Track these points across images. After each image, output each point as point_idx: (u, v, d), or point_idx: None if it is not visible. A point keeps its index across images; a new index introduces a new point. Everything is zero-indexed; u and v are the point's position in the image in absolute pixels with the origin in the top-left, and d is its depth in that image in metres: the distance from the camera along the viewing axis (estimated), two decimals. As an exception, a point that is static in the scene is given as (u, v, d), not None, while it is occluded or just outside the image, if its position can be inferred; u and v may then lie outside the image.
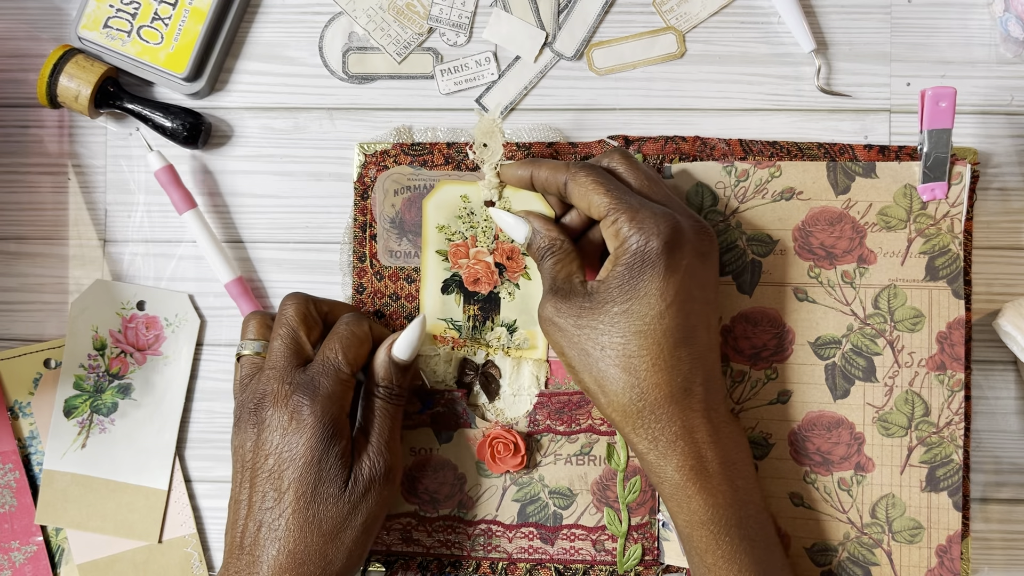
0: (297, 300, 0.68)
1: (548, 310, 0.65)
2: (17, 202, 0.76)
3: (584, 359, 0.63)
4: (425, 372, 0.73)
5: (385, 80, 0.76)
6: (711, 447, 0.62)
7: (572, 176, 0.65)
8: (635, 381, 0.62)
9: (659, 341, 0.61)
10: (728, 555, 0.62)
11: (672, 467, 0.62)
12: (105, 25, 0.73)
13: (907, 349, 0.70)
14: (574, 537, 0.72)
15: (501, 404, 0.73)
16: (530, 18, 0.75)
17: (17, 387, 0.76)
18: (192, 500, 0.76)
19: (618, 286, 0.62)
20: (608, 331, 0.62)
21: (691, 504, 0.62)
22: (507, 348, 0.74)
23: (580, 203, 0.65)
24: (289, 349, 0.66)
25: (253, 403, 0.65)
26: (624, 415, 0.63)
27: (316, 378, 0.64)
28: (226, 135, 0.76)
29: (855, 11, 0.75)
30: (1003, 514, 0.73)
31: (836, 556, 0.70)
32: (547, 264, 0.67)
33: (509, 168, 0.70)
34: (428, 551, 0.73)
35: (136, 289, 0.76)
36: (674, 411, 0.62)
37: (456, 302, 0.74)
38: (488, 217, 0.73)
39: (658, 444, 0.62)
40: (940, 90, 0.68)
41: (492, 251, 0.73)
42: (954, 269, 0.70)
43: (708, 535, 0.62)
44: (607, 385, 0.63)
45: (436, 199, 0.73)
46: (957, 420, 0.70)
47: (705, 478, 0.62)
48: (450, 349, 0.74)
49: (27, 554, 0.75)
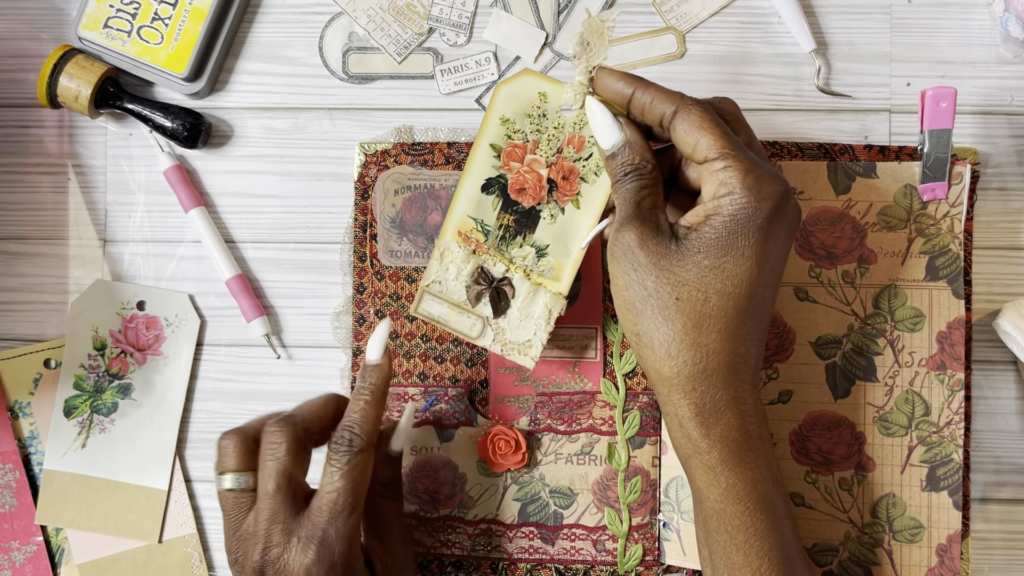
0: (286, 436, 0.62)
1: (628, 237, 0.59)
2: (17, 202, 0.76)
3: (652, 303, 0.58)
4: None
5: (385, 80, 0.76)
6: (754, 420, 0.59)
7: (685, 107, 0.59)
8: (704, 341, 0.58)
9: (739, 306, 0.57)
10: (762, 532, 0.58)
11: (715, 437, 0.58)
12: (105, 25, 0.73)
13: (907, 349, 0.70)
14: (575, 537, 0.72)
15: (505, 323, 0.68)
16: (530, 18, 0.75)
17: (17, 387, 0.76)
18: (192, 500, 0.76)
19: (716, 238, 0.57)
20: (691, 283, 0.57)
21: (729, 478, 0.58)
22: (529, 270, 0.67)
23: (685, 139, 0.59)
24: (288, 497, 0.62)
25: (257, 560, 0.61)
26: (677, 375, 0.58)
27: (327, 532, 0.61)
28: (226, 135, 0.76)
29: (855, 11, 0.75)
30: (1003, 514, 0.73)
31: (837, 556, 0.70)
32: (630, 186, 0.61)
33: (609, 76, 0.62)
34: (429, 551, 0.73)
35: (136, 289, 0.76)
36: (728, 379, 0.58)
37: (493, 205, 0.67)
38: (559, 126, 0.66)
39: (703, 411, 0.58)
40: (940, 90, 0.68)
41: (550, 164, 0.67)
42: (954, 269, 0.70)
43: (744, 511, 0.58)
44: (670, 338, 0.58)
45: (512, 87, 0.66)
46: (957, 420, 0.70)
47: (747, 451, 0.58)
48: (471, 251, 0.68)
49: (27, 554, 0.75)
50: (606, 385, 0.72)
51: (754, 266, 0.57)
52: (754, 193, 0.57)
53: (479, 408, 0.73)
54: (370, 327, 0.74)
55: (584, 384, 0.73)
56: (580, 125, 0.66)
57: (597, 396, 0.72)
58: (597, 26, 0.61)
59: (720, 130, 0.58)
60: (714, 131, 0.58)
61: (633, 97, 0.61)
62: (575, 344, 0.73)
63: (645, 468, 0.72)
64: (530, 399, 0.73)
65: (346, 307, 0.74)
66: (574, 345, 0.73)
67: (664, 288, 0.58)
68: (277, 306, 0.76)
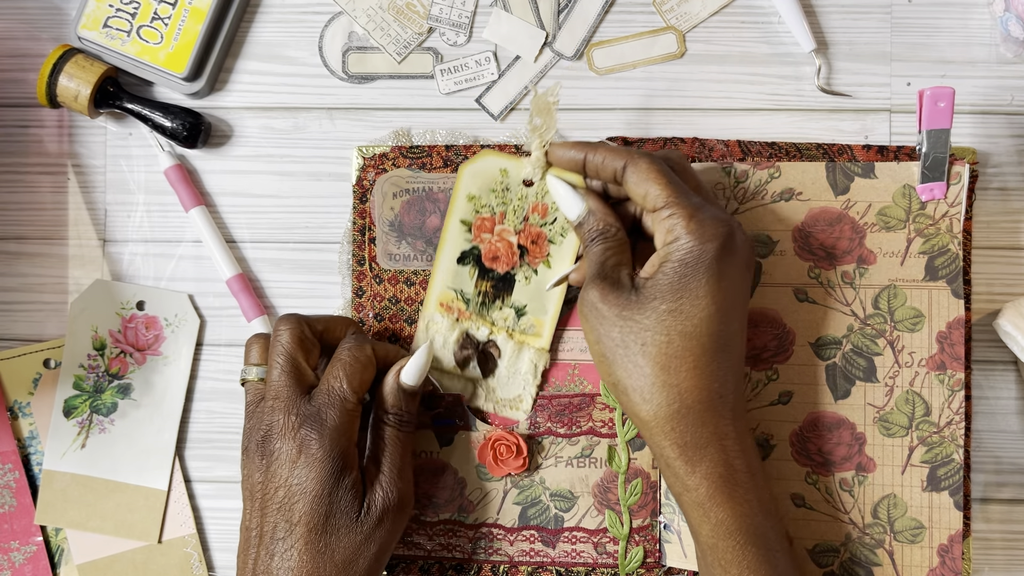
0: (291, 323, 0.66)
1: (592, 295, 0.63)
2: (17, 202, 0.76)
3: (621, 352, 0.61)
4: (438, 382, 0.73)
5: (385, 80, 0.76)
6: (739, 455, 0.61)
7: (633, 162, 0.63)
8: (674, 381, 0.60)
9: (704, 344, 0.60)
10: (754, 566, 0.60)
11: (700, 475, 0.61)
12: (105, 25, 0.73)
13: (907, 349, 0.70)
14: (575, 540, 0.72)
15: (494, 383, 0.73)
16: (530, 18, 0.75)
17: (17, 387, 0.76)
18: (192, 500, 0.76)
19: (668, 284, 0.60)
20: (653, 328, 0.60)
21: (718, 514, 0.61)
22: (512, 330, 0.73)
23: (636, 190, 0.63)
24: (290, 377, 0.65)
25: (260, 434, 0.65)
26: (655, 417, 0.61)
27: (323, 410, 0.64)
28: (226, 135, 0.76)
29: (855, 11, 0.75)
30: (1003, 514, 0.73)
31: (838, 557, 0.70)
32: (596, 249, 0.65)
33: (561, 148, 0.67)
34: (429, 554, 0.73)
35: (136, 289, 0.76)
36: (707, 416, 0.61)
37: (470, 275, 0.72)
38: (523, 197, 0.71)
39: (687, 450, 0.61)
40: (938, 90, 0.68)
41: (518, 232, 0.72)
42: (953, 269, 0.70)
43: (735, 546, 0.60)
44: (642, 383, 0.61)
45: (474, 167, 0.72)
46: (958, 420, 0.70)
47: (733, 486, 0.61)
48: (455, 320, 0.73)
49: (27, 554, 0.75)
50: (605, 388, 0.72)
51: (710, 304, 0.60)
52: (698, 236, 0.61)
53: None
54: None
55: (584, 386, 0.73)
56: (542, 194, 0.71)
57: (596, 399, 0.72)
58: (543, 103, 0.67)
59: (666, 179, 0.62)
60: (660, 180, 0.62)
61: (586, 160, 0.66)
62: (574, 346, 0.73)
63: (645, 470, 0.72)
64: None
65: (345, 310, 0.74)
66: (573, 347, 0.73)
67: (629, 336, 0.61)
68: (277, 306, 0.76)
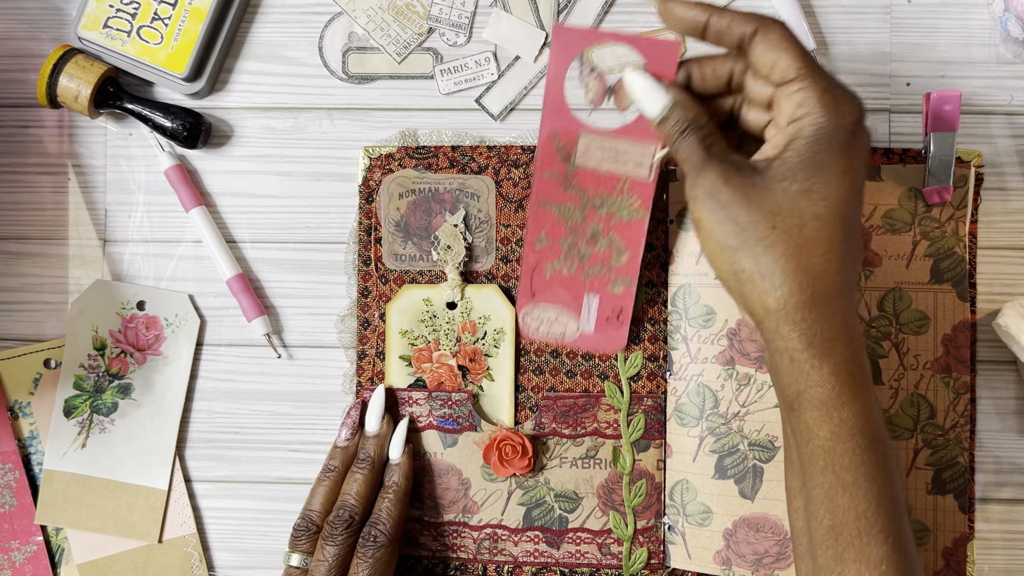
0: (338, 543, 0.69)
1: (711, 179, 0.57)
2: (17, 202, 0.76)
3: (746, 236, 0.56)
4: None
5: (385, 80, 0.76)
6: (864, 352, 0.57)
7: (765, 27, 0.58)
8: (807, 267, 0.55)
9: (838, 226, 0.55)
10: (872, 473, 0.56)
11: (829, 370, 0.55)
12: (105, 25, 0.73)
13: (912, 352, 0.70)
14: (580, 541, 0.73)
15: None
16: (530, 18, 0.75)
17: (17, 387, 0.76)
18: (192, 500, 0.76)
19: (800, 162, 0.56)
20: (784, 210, 0.55)
21: (842, 412, 0.55)
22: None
23: (763, 59, 0.58)
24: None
25: None
26: (784, 305, 0.55)
27: None
28: (226, 135, 0.76)
29: (855, 11, 0.75)
30: (1003, 514, 0.73)
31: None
32: (692, 139, 0.59)
33: (678, 7, 0.60)
34: (434, 554, 0.73)
35: (136, 289, 0.76)
36: (838, 306, 0.56)
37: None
38: (450, 320, 0.74)
39: (814, 342, 0.55)
40: (945, 93, 0.68)
41: (455, 354, 0.74)
42: (959, 272, 0.70)
43: (855, 448, 0.55)
44: (771, 267, 0.55)
45: (399, 304, 0.74)
46: (963, 422, 0.70)
47: (861, 383, 0.56)
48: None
49: (27, 554, 0.75)
50: (610, 388, 0.72)
51: (844, 184, 0.56)
52: (833, 112, 0.56)
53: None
54: (374, 330, 0.74)
55: (632, 202, 0.69)
56: (467, 313, 0.74)
57: (601, 400, 0.72)
58: (450, 230, 0.72)
59: (800, 50, 0.57)
60: (793, 50, 0.57)
61: (709, 23, 0.59)
62: (629, 160, 0.68)
63: (650, 471, 0.72)
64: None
65: (351, 310, 0.74)
66: (628, 161, 0.68)
67: (758, 219, 0.56)
68: (277, 306, 0.76)
